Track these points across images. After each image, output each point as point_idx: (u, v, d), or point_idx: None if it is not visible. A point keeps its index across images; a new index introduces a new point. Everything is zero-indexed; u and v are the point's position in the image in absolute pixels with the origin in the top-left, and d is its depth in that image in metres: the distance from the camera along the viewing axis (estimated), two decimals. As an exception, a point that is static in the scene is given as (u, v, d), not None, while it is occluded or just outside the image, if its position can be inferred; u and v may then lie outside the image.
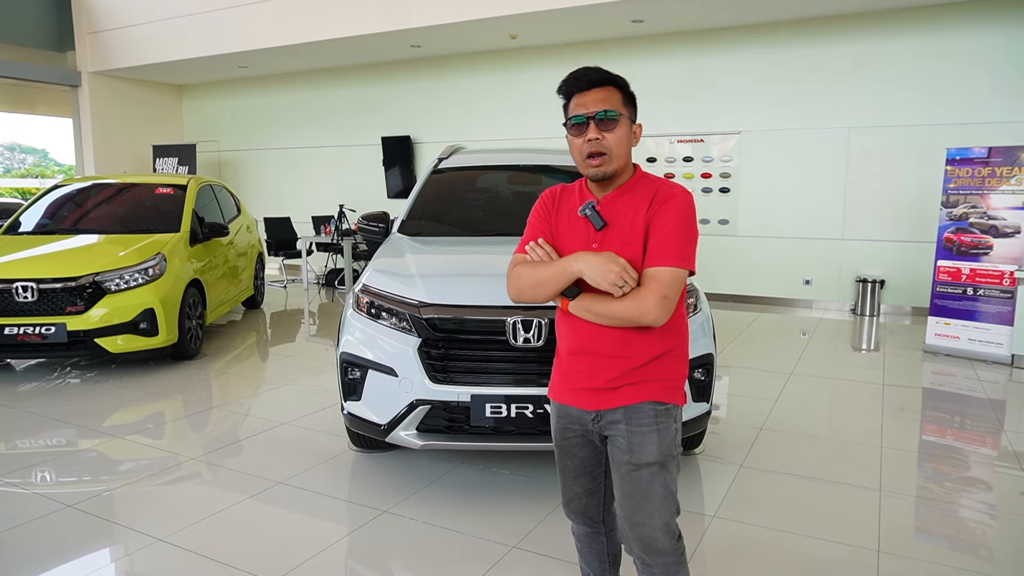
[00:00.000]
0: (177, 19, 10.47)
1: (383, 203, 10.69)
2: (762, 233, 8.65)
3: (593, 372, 1.83)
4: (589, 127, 1.76)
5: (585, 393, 1.85)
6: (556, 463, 2.03)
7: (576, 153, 1.81)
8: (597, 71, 1.79)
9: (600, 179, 1.80)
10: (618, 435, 1.82)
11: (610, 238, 1.79)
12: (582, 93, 1.78)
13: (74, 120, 11.91)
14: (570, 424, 1.93)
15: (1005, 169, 5.85)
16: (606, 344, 1.79)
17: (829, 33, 8.02)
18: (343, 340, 3.43)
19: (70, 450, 4.03)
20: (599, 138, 1.75)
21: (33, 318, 5.11)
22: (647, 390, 1.81)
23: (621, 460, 1.82)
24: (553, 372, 1.99)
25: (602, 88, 1.78)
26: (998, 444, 4.11)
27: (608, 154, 1.76)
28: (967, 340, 6.05)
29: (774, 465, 3.74)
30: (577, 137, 1.79)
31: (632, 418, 1.81)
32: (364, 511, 3.22)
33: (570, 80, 1.81)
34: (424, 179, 4.66)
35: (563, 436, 1.96)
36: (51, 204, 6.63)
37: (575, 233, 1.85)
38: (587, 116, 1.76)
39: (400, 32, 8.82)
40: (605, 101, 1.76)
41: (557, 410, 1.96)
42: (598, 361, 1.81)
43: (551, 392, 1.99)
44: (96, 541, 2.99)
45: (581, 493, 2.01)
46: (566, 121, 1.82)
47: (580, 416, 1.89)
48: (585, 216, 1.81)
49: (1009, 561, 2.80)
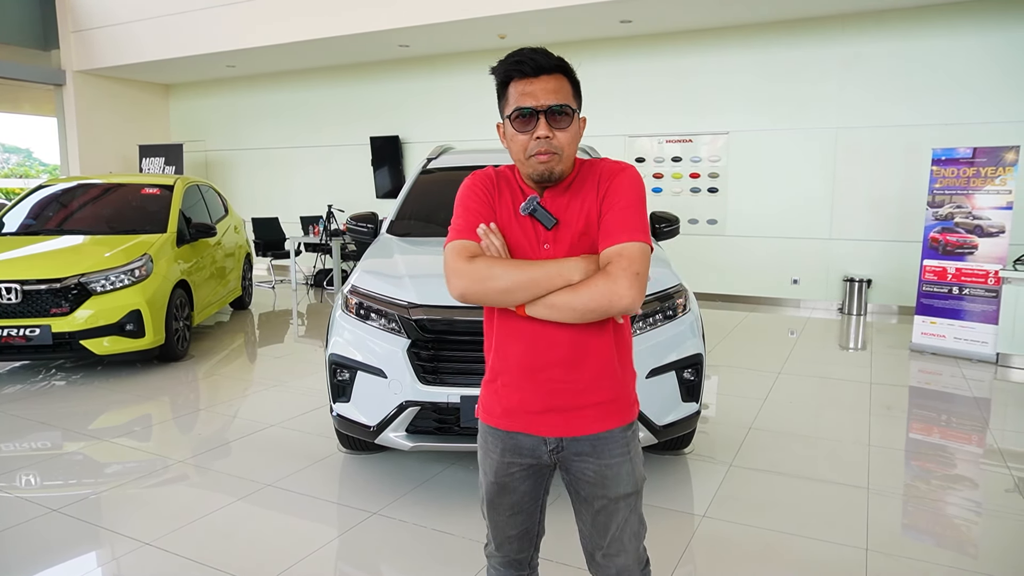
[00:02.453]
0: (163, 18, 10.39)
1: (372, 203, 10.66)
2: (750, 233, 8.69)
3: (552, 390, 1.59)
4: (539, 122, 1.51)
5: (543, 417, 1.60)
6: (484, 504, 1.74)
7: (517, 150, 1.55)
8: (546, 55, 1.52)
9: (547, 180, 1.56)
10: (585, 469, 1.63)
11: (563, 236, 1.57)
12: (528, 80, 1.52)
13: (59, 119, 11.80)
14: (517, 456, 1.65)
15: (990, 169, 5.91)
16: (565, 354, 1.56)
17: (816, 34, 8.07)
18: (332, 341, 3.42)
19: (55, 453, 3.99)
20: (550, 136, 1.51)
21: (17, 320, 5.05)
22: (613, 412, 1.63)
23: (592, 494, 1.65)
24: (487, 394, 1.69)
25: (552, 76, 1.53)
26: (984, 442, 4.14)
27: (559, 154, 1.53)
28: (953, 339, 6.10)
29: (763, 464, 3.75)
30: (521, 132, 1.53)
31: (602, 450, 1.62)
32: (354, 513, 3.21)
33: (512, 63, 1.53)
34: (413, 179, 4.65)
35: (505, 471, 1.67)
36: (35, 204, 6.56)
37: (522, 231, 1.59)
38: (537, 109, 1.50)
39: (388, 31, 8.80)
40: (557, 93, 1.51)
41: (500, 440, 1.66)
42: (558, 374, 1.57)
43: (488, 418, 1.68)
44: (82, 546, 2.96)
45: (515, 536, 1.75)
46: (511, 112, 1.53)
47: (533, 446, 1.64)
48: (531, 215, 1.58)
49: (995, 558, 2.82)
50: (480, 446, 1.74)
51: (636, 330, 3.23)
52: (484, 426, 1.71)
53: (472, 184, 1.64)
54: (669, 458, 3.81)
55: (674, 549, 2.88)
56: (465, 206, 1.61)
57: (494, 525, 1.76)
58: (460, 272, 1.53)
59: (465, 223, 1.59)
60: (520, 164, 1.59)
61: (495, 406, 1.66)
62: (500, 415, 1.65)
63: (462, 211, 1.61)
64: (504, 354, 1.63)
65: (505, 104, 1.57)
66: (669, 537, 2.98)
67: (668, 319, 3.34)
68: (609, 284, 1.46)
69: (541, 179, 1.56)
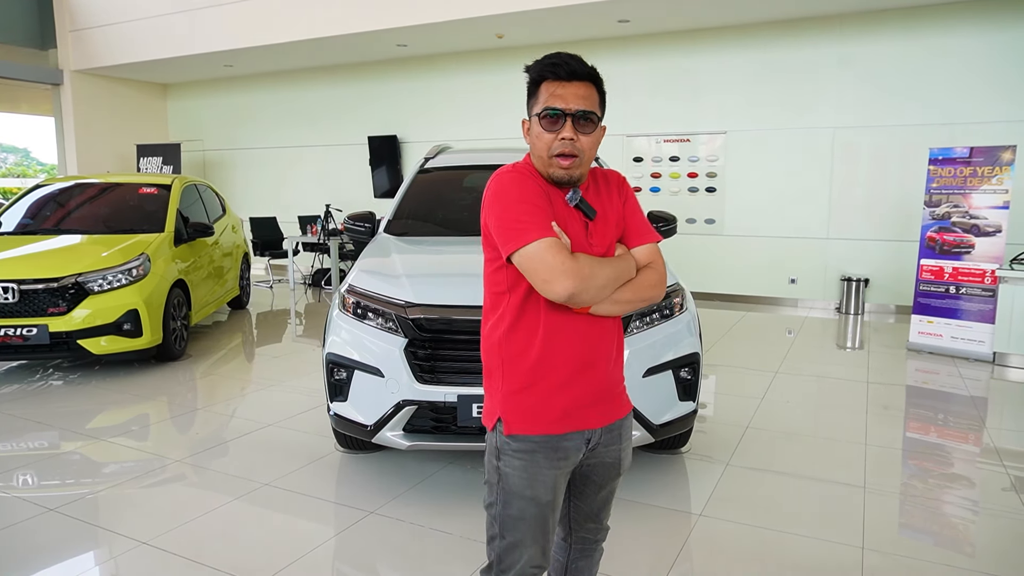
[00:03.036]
0: (161, 17, 10.37)
1: (370, 203, 10.66)
2: (748, 232, 8.70)
3: (601, 381, 1.65)
4: (565, 124, 1.57)
5: (593, 409, 1.65)
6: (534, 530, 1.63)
7: (541, 147, 1.60)
8: (580, 62, 1.59)
9: (567, 183, 1.62)
10: (607, 455, 1.72)
11: (600, 228, 1.66)
12: (561, 83, 1.58)
13: (56, 119, 11.78)
14: (564, 462, 1.64)
15: (987, 169, 5.92)
16: (610, 344, 1.66)
17: (814, 33, 8.08)
18: (329, 341, 3.42)
19: (52, 453, 3.99)
20: (574, 139, 1.57)
21: (14, 319, 5.05)
22: (627, 397, 1.78)
23: (607, 476, 1.75)
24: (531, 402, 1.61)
25: (583, 83, 1.59)
26: (980, 441, 4.15)
27: (580, 157, 1.59)
28: (950, 338, 6.11)
29: (760, 463, 3.76)
30: (548, 131, 1.58)
31: (623, 433, 1.75)
32: (351, 512, 3.21)
33: (548, 64, 1.59)
34: (410, 179, 4.65)
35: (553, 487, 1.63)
36: (33, 204, 6.55)
37: (571, 222, 1.62)
38: (566, 111, 1.57)
39: (386, 31, 8.79)
40: (586, 99, 1.58)
41: (551, 450, 1.61)
42: (606, 365, 1.66)
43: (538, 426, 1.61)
44: (79, 545, 2.96)
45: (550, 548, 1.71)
46: (540, 111, 1.59)
47: (577, 445, 1.65)
48: (576, 206, 1.63)
49: (992, 557, 2.83)
50: (520, 467, 1.61)
51: (633, 329, 3.23)
52: (530, 439, 1.61)
53: (523, 180, 1.61)
54: (666, 457, 3.82)
55: (671, 548, 2.88)
56: (531, 202, 1.56)
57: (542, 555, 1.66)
58: (568, 271, 1.50)
59: (537, 219, 1.54)
60: (540, 162, 1.63)
61: (548, 411, 1.60)
62: (556, 419, 1.61)
63: (530, 208, 1.55)
64: (554, 353, 1.59)
65: (535, 102, 1.63)
66: (666, 536, 2.98)
67: (665, 318, 3.35)
68: (659, 281, 1.68)
69: (561, 182, 1.62)
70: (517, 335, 1.61)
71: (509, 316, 1.62)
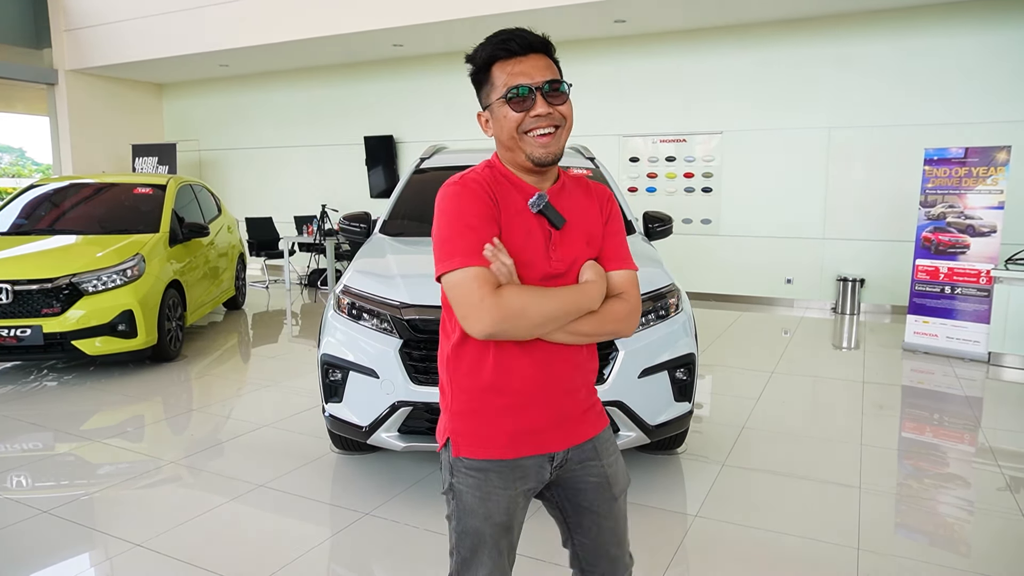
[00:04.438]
0: (156, 17, 10.35)
1: (366, 203, 10.64)
2: (744, 232, 8.71)
3: (562, 403, 1.52)
4: (536, 100, 1.42)
5: (553, 432, 1.51)
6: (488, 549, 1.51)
7: (509, 128, 1.44)
8: (532, 33, 1.45)
9: (547, 163, 1.46)
10: (588, 475, 1.57)
11: (569, 239, 1.50)
12: (517, 59, 1.43)
13: (51, 118, 11.74)
14: (524, 485, 1.52)
15: (981, 169, 5.93)
16: (573, 365, 1.52)
17: (809, 34, 8.09)
18: (324, 342, 3.41)
19: (47, 454, 3.97)
20: (551, 111, 1.43)
21: (8, 320, 5.03)
22: (601, 412, 1.62)
23: (597, 499, 1.58)
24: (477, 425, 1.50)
25: (540, 55, 1.45)
26: (976, 441, 4.16)
27: (562, 127, 1.45)
28: (945, 338, 6.13)
29: (756, 463, 3.76)
30: (518, 111, 1.43)
31: (602, 450, 1.59)
32: (346, 513, 3.20)
33: (498, 43, 1.44)
34: (406, 179, 4.64)
35: (516, 506, 1.52)
36: (27, 204, 6.53)
37: (528, 233, 1.46)
38: (533, 86, 1.42)
39: (382, 31, 8.78)
40: (549, 69, 1.45)
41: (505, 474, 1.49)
42: (567, 386, 1.52)
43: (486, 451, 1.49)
44: (73, 547, 2.94)
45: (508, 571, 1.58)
46: (504, 94, 1.43)
47: (538, 466, 1.52)
48: (540, 212, 1.47)
49: (987, 556, 2.84)
50: (473, 488, 1.49)
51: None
52: (479, 463, 1.49)
53: (466, 192, 1.44)
54: (662, 458, 3.82)
55: (666, 549, 2.88)
56: (466, 222, 1.40)
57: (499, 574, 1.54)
58: (488, 308, 1.35)
59: (467, 242, 1.39)
60: (513, 147, 1.46)
61: (497, 436, 1.48)
62: (505, 444, 1.48)
63: (462, 228, 1.40)
64: (505, 376, 1.46)
65: (491, 89, 1.46)
66: (661, 537, 2.98)
67: (660, 319, 3.35)
68: (628, 313, 1.51)
69: (541, 163, 1.45)
70: (465, 354, 1.49)
71: (457, 333, 1.48)
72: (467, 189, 1.44)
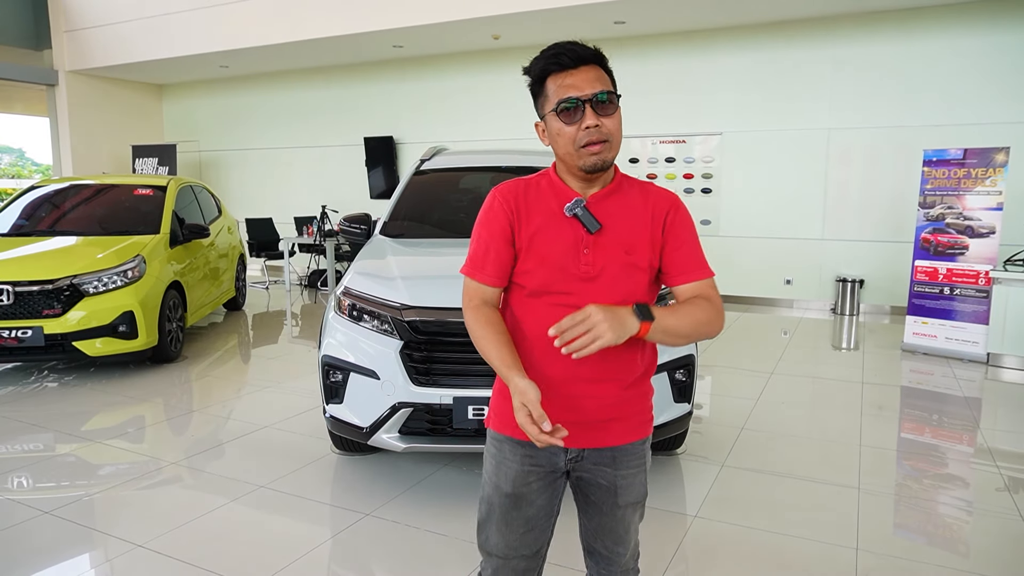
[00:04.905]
0: (156, 18, 10.35)
1: (366, 204, 10.65)
2: (743, 233, 8.72)
3: (576, 405, 1.56)
4: (586, 112, 1.48)
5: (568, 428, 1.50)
6: (497, 517, 1.64)
7: (565, 143, 1.51)
8: (583, 46, 1.51)
9: (600, 169, 1.52)
10: (599, 478, 1.63)
11: (604, 243, 1.53)
12: (568, 72, 1.49)
13: (51, 119, 11.74)
14: (535, 465, 1.61)
15: (980, 170, 5.94)
16: (591, 370, 1.53)
17: (809, 35, 8.10)
18: (325, 343, 3.42)
19: (47, 455, 3.98)
20: (599, 124, 1.48)
21: (9, 321, 5.03)
22: (635, 425, 1.64)
23: (603, 500, 1.65)
24: (502, 401, 1.62)
25: (591, 67, 1.51)
26: (974, 441, 4.17)
27: (610, 141, 1.50)
28: (944, 339, 6.13)
29: (755, 464, 3.77)
30: (569, 124, 1.49)
31: (621, 461, 1.63)
32: (346, 514, 3.21)
33: (550, 57, 1.50)
34: (406, 180, 4.65)
35: (523, 481, 1.61)
36: (28, 205, 6.54)
37: (558, 235, 1.54)
38: (582, 99, 1.48)
39: (382, 32, 8.79)
40: (599, 80, 1.50)
41: (518, 450, 1.61)
42: (582, 389, 1.55)
43: (504, 426, 1.61)
44: (74, 548, 2.95)
45: (529, 554, 1.67)
46: (555, 106, 1.49)
47: (551, 454, 1.61)
48: (575, 216, 1.53)
49: (986, 557, 2.85)
50: (492, 455, 1.65)
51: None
52: (499, 435, 1.64)
53: (494, 204, 1.60)
54: (662, 459, 3.82)
55: (666, 550, 2.89)
56: (477, 233, 1.61)
57: (505, 542, 1.65)
58: (466, 313, 1.60)
59: (475, 254, 1.60)
60: (568, 159, 1.53)
61: (508, 412, 1.55)
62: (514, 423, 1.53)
63: (475, 236, 1.61)
64: (527, 363, 1.54)
65: (545, 101, 1.53)
66: (661, 538, 2.99)
67: (660, 320, 3.35)
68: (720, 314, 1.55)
69: (594, 169, 1.52)
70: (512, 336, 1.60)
71: (507, 316, 1.63)
72: (495, 201, 1.61)
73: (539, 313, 1.55)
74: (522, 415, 1.38)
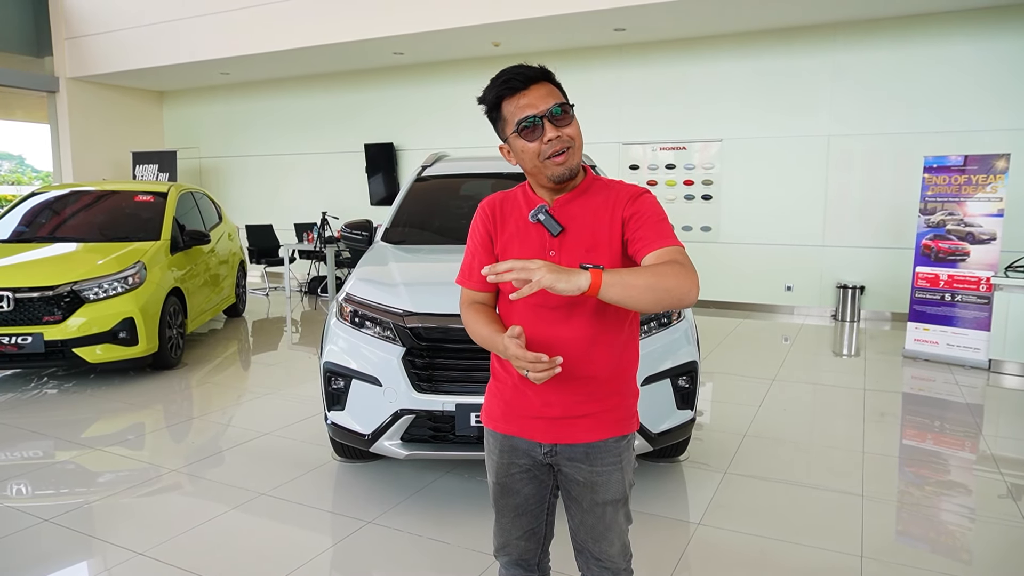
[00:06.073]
0: (157, 25, 10.37)
1: (366, 210, 10.65)
2: (744, 240, 8.72)
3: (546, 400, 1.64)
4: (545, 126, 1.56)
5: (538, 423, 1.67)
6: (492, 503, 1.81)
7: (530, 158, 1.60)
8: (528, 67, 1.60)
9: (567, 178, 1.60)
10: (576, 473, 1.69)
11: (569, 244, 1.62)
12: (520, 94, 1.58)
13: (52, 126, 11.75)
14: (516, 459, 1.72)
15: (981, 177, 5.95)
16: (568, 363, 1.56)
17: (809, 42, 8.12)
18: (326, 349, 3.41)
19: (47, 462, 3.96)
20: (560, 135, 1.57)
21: (9, 328, 5.02)
22: (608, 423, 1.67)
23: (581, 495, 1.70)
24: (490, 395, 1.77)
25: (541, 83, 1.59)
26: (977, 448, 4.16)
27: (572, 147, 1.59)
28: (945, 345, 6.13)
29: (758, 471, 3.76)
30: (532, 141, 1.58)
31: (595, 458, 1.67)
32: (348, 522, 3.19)
33: (501, 84, 1.59)
34: (407, 187, 4.65)
35: (506, 472, 1.74)
36: (28, 212, 6.54)
37: (527, 241, 1.66)
38: (539, 115, 1.56)
39: (383, 39, 8.80)
40: (551, 96, 1.58)
41: (499, 443, 1.74)
42: (555, 383, 1.58)
43: (488, 420, 1.77)
44: (74, 556, 2.94)
45: (520, 536, 1.79)
46: (516, 128, 1.58)
47: (529, 448, 1.70)
48: (538, 221, 1.63)
49: (989, 564, 2.83)
50: (485, 447, 1.82)
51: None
52: (486, 429, 1.79)
53: (478, 217, 1.76)
54: (664, 466, 3.81)
55: (669, 557, 2.88)
56: (469, 244, 1.78)
57: (499, 526, 1.81)
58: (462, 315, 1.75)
59: (465, 265, 1.78)
60: (536, 172, 1.62)
61: (494, 409, 1.75)
62: (499, 418, 1.73)
63: (468, 246, 1.79)
64: (504, 362, 1.68)
65: (505, 124, 1.63)
66: (664, 545, 2.97)
67: (662, 327, 3.35)
68: (689, 275, 1.44)
69: (560, 179, 1.61)
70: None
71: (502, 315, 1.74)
72: (478, 214, 1.76)
73: (518, 315, 1.64)
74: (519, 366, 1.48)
